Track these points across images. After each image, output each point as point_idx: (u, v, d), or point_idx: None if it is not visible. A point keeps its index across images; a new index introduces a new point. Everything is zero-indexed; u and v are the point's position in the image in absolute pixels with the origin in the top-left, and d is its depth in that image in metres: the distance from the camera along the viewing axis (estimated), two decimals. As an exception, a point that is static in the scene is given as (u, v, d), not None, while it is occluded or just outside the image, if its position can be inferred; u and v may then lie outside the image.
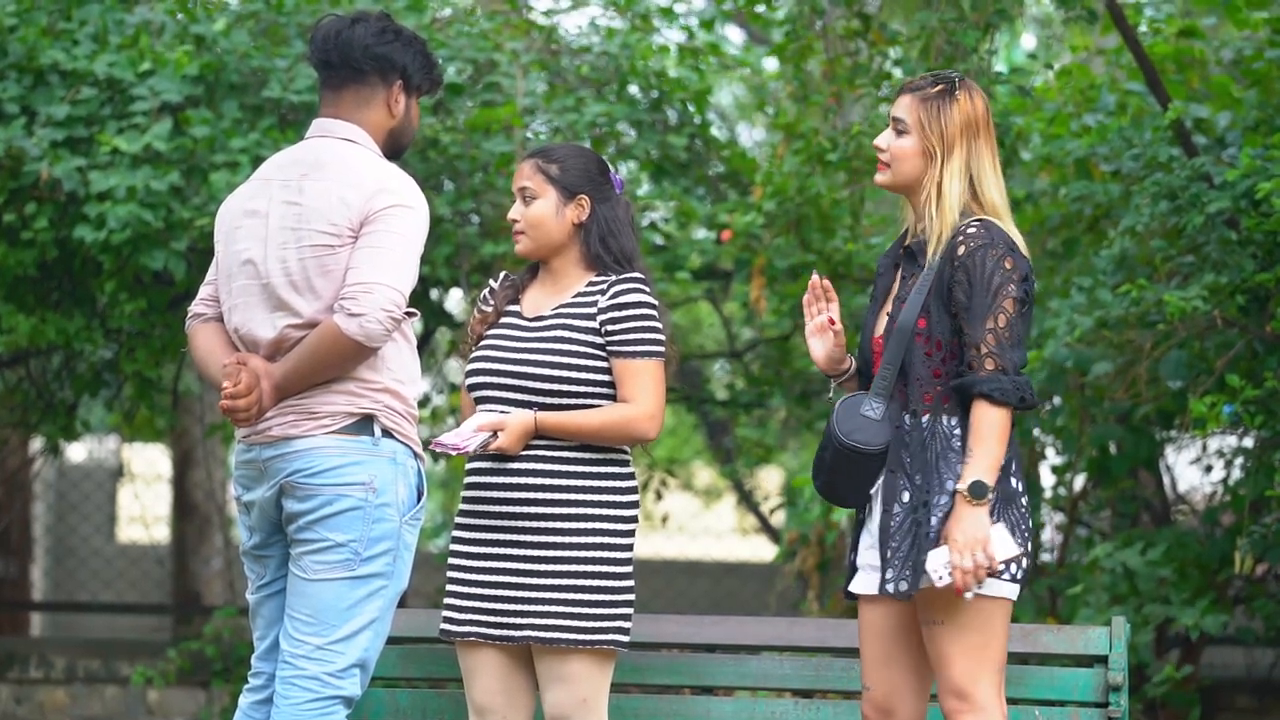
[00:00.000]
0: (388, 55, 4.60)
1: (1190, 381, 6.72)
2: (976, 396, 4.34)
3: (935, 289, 4.42)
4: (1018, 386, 4.33)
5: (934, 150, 4.47)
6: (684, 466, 15.20)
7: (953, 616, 4.38)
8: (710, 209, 8.30)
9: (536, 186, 4.78)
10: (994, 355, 4.33)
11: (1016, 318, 4.36)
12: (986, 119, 4.50)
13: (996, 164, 4.51)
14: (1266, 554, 6.85)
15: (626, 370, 4.69)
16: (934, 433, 4.41)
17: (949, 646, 4.40)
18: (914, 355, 4.43)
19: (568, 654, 4.65)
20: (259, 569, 4.65)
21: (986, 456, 4.32)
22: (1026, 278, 4.40)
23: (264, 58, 7.51)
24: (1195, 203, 6.34)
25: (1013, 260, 4.38)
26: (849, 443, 4.43)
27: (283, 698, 4.48)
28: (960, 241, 4.40)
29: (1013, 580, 4.38)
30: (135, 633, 12.49)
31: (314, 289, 4.47)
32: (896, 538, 4.41)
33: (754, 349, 9.90)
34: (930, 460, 4.39)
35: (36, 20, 7.46)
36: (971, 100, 4.49)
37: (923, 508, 4.38)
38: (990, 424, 4.33)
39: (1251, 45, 7.29)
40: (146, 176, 7.12)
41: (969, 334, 4.36)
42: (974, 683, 4.38)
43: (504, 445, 4.64)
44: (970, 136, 4.47)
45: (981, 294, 4.36)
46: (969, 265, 4.37)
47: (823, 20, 7.94)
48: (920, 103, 4.50)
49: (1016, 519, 4.39)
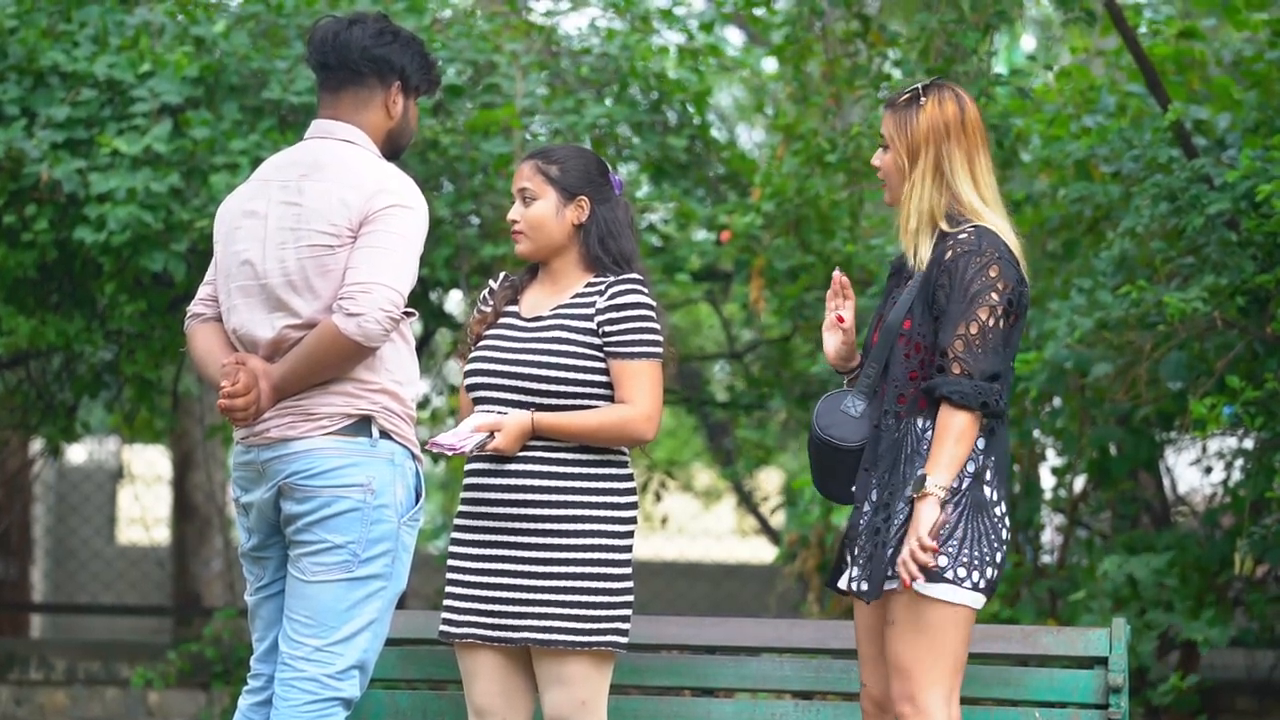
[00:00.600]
0: (386, 57, 4.60)
1: (1190, 383, 6.72)
2: (939, 398, 4.38)
3: (922, 292, 4.45)
4: (979, 391, 4.34)
5: (902, 159, 4.50)
6: (684, 468, 15.20)
7: (906, 618, 4.40)
8: (710, 210, 8.30)
9: (536, 187, 4.78)
10: (960, 360, 4.36)
11: (993, 326, 4.37)
12: (959, 119, 4.48)
13: (977, 162, 4.49)
14: (1266, 555, 6.85)
15: (624, 371, 4.69)
16: (906, 434, 4.45)
17: (900, 647, 4.41)
18: (894, 356, 4.47)
19: (566, 656, 4.65)
20: (258, 570, 4.65)
21: (939, 455, 4.36)
22: (1012, 287, 4.40)
23: (264, 59, 7.51)
24: (1195, 204, 6.34)
25: (998, 269, 4.39)
26: (824, 436, 4.52)
27: (282, 699, 4.48)
28: (950, 246, 4.42)
29: (974, 589, 4.38)
30: (135, 634, 12.50)
31: (313, 289, 4.47)
32: (863, 537, 4.46)
33: (754, 350, 9.90)
34: (898, 461, 4.43)
35: (37, 22, 7.46)
36: (940, 104, 4.48)
37: (883, 509, 4.43)
38: (948, 426, 4.36)
39: (1251, 46, 7.29)
40: (146, 178, 7.12)
41: (942, 337, 4.40)
42: (920, 688, 4.39)
43: (501, 446, 4.64)
44: (937, 140, 4.47)
45: (959, 299, 4.38)
46: (952, 270, 4.40)
47: (822, 22, 7.94)
48: (892, 116, 4.54)
49: (985, 528, 4.40)
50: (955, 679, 4.42)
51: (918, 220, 4.48)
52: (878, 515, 4.44)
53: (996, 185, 4.55)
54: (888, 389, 4.47)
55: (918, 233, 4.48)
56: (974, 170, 4.50)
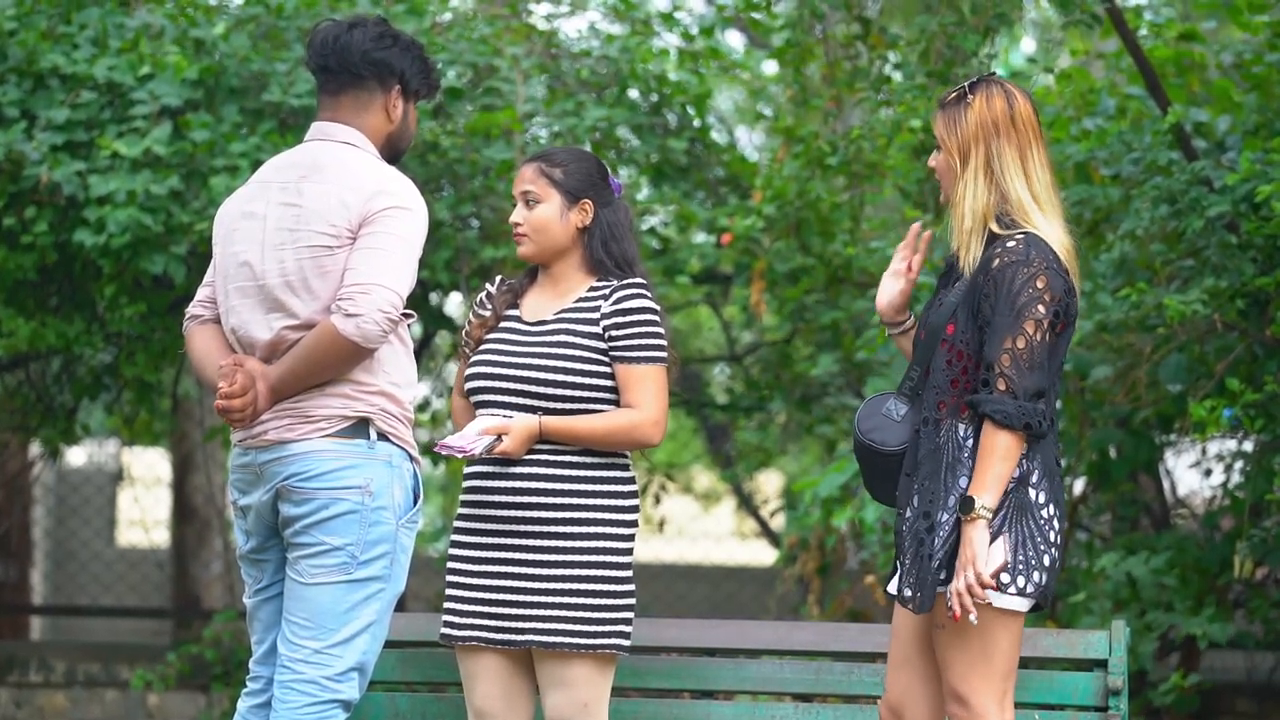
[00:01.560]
0: (385, 60, 4.60)
1: (1190, 385, 6.71)
2: (983, 416, 4.33)
3: (967, 299, 4.40)
4: (1023, 412, 4.29)
5: (954, 160, 4.45)
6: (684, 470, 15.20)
7: (954, 624, 4.38)
8: (710, 213, 8.30)
9: (540, 190, 4.77)
10: (1006, 376, 4.30)
11: (1039, 341, 4.31)
12: (1008, 115, 4.42)
13: (1031, 158, 4.43)
14: (1266, 558, 6.85)
15: (630, 376, 4.69)
16: (948, 440, 4.40)
17: (950, 653, 4.40)
18: (936, 361, 4.42)
19: (569, 658, 4.65)
20: (256, 573, 4.65)
21: (983, 474, 4.31)
22: (1060, 297, 4.34)
23: (264, 61, 7.51)
24: (1195, 206, 6.34)
25: (1046, 279, 4.32)
26: (865, 440, 4.47)
27: (281, 702, 4.48)
28: (997, 254, 4.36)
29: (1020, 594, 4.34)
30: (135, 636, 12.51)
31: (311, 290, 4.47)
32: (906, 543, 4.42)
33: (754, 353, 9.90)
34: (939, 468, 4.39)
35: (36, 24, 7.46)
36: (988, 100, 4.43)
37: (924, 518, 4.38)
38: (992, 445, 4.31)
39: (1251, 49, 7.29)
40: (146, 180, 7.12)
41: (988, 351, 4.33)
42: (972, 691, 4.38)
43: (508, 449, 4.64)
44: (987, 137, 4.41)
45: (1005, 311, 4.32)
46: (998, 280, 4.33)
47: (822, 25, 7.94)
48: (942, 116, 4.48)
49: (1031, 530, 4.35)
50: (1007, 683, 4.40)
51: (972, 220, 4.42)
52: (920, 522, 4.39)
53: (1053, 180, 4.48)
54: (928, 394, 4.42)
55: (971, 233, 4.42)
56: (1026, 167, 4.43)
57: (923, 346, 4.46)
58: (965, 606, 4.30)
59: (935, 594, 4.37)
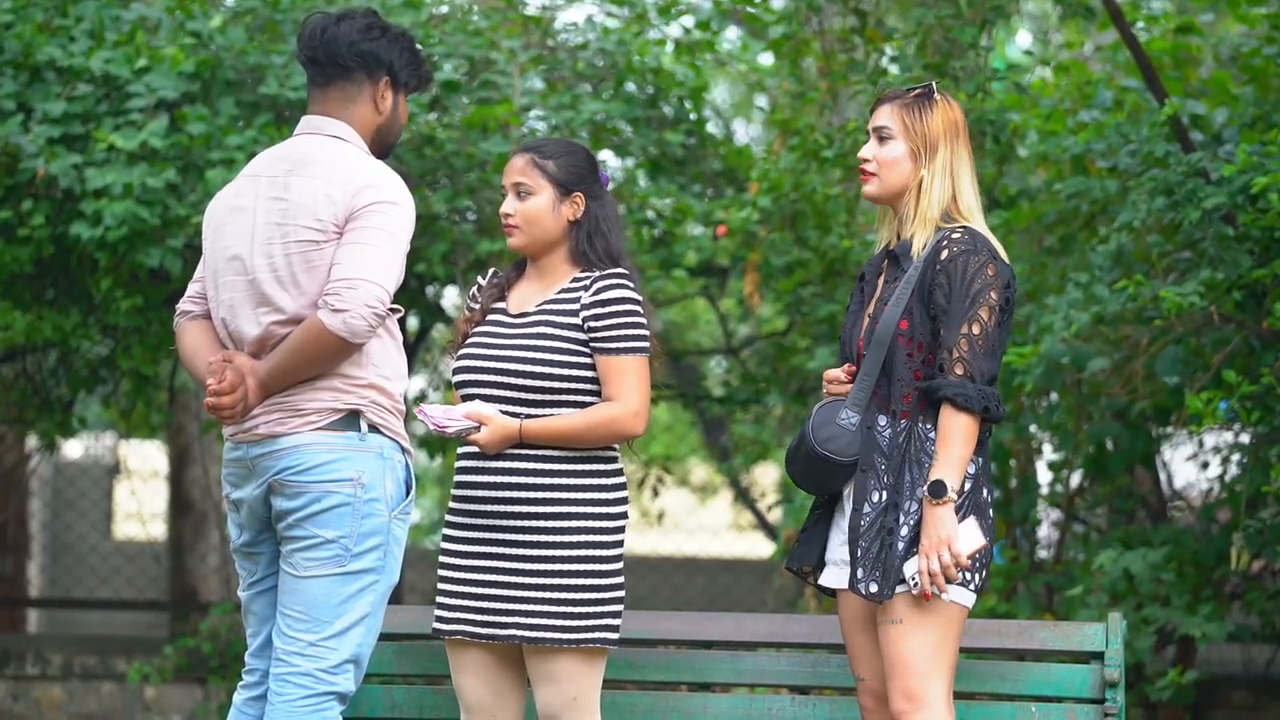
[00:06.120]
0: (373, 52, 4.60)
1: (1187, 378, 6.71)
2: (942, 400, 4.40)
3: (918, 290, 4.47)
4: (983, 395, 4.39)
5: (919, 151, 4.55)
6: (680, 463, 15.20)
7: (911, 617, 4.43)
8: (706, 205, 8.29)
9: (532, 182, 4.77)
10: (964, 360, 4.40)
11: (993, 327, 4.42)
12: (964, 125, 4.61)
13: (973, 169, 4.61)
14: (1263, 550, 6.85)
15: (610, 367, 4.67)
16: (910, 435, 4.47)
17: (903, 646, 4.44)
18: (896, 356, 4.49)
19: (556, 653, 4.64)
20: (250, 566, 4.65)
21: (948, 457, 4.39)
22: (1008, 284, 4.47)
23: (260, 54, 7.50)
24: (1192, 199, 6.34)
25: (995, 268, 4.45)
26: (822, 451, 4.51)
27: (277, 694, 4.48)
28: (944, 245, 4.47)
29: (975, 590, 4.45)
30: (132, 629, 12.50)
31: (299, 285, 4.47)
32: (866, 538, 4.46)
33: (750, 346, 9.90)
34: (904, 462, 4.46)
35: (33, 17, 7.45)
36: (950, 105, 4.61)
37: (892, 509, 4.45)
38: (953, 428, 4.39)
39: (1248, 41, 7.28)
40: (143, 173, 7.12)
41: (944, 337, 4.42)
42: (925, 684, 4.44)
43: (481, 441, 4.63)
44: (951, 139, 4.57)
45: (960, 298, 4.42)
46: (950, 269, 4.44)
47: (819, 18, 7.94)
48: (902, 108, 4.59)
49: (984, 529, 4.46)
50: (952, 676, 4.50)
51: (938, 209, 4.54)
52: (887, 515, 4.45)
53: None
54: (892, 389, 4.48)
55: (931, 221, 4.53)
56: (971, 173, 4.60)
57: (872, 352, 4.51)
58: (939, 586, 4.36)
59: (897, 583, 4.41)
